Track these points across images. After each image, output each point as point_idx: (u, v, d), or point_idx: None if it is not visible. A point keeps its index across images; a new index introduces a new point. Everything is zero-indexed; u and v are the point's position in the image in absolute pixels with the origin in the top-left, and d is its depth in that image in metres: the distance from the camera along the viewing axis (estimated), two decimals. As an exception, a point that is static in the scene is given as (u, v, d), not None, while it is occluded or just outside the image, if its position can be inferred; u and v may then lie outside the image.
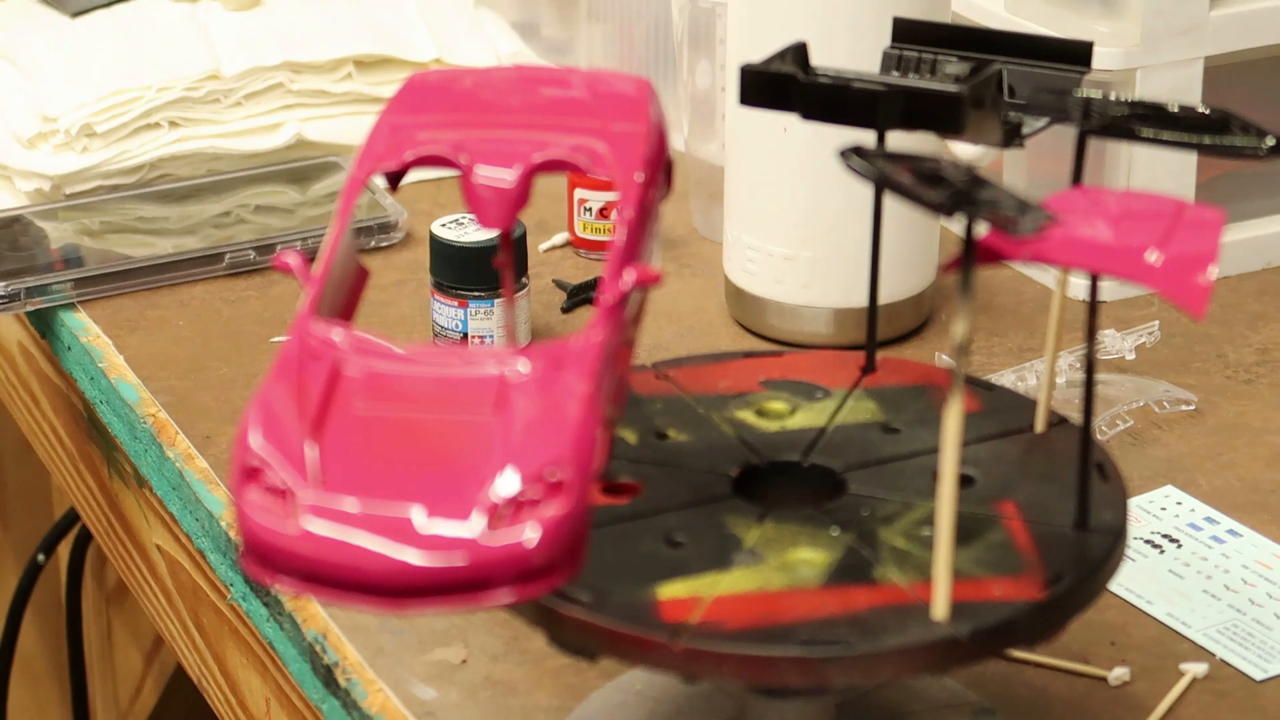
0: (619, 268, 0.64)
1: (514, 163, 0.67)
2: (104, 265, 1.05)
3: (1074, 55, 0.71)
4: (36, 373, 1.13)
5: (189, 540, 0.93)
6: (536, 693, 0.77)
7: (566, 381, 0.60)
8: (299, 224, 1.08)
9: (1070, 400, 0.73)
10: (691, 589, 0.64)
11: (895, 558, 0.66)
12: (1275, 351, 0.99)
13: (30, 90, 1.14)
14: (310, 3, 1.20)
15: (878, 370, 0.75)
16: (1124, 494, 0.69)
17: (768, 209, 0.98)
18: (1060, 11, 1.01)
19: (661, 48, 1.16)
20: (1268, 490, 0.88)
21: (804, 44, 0.70)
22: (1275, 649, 0.79)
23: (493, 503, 0.58)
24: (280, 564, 0.58)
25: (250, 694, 0.92)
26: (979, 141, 0.70)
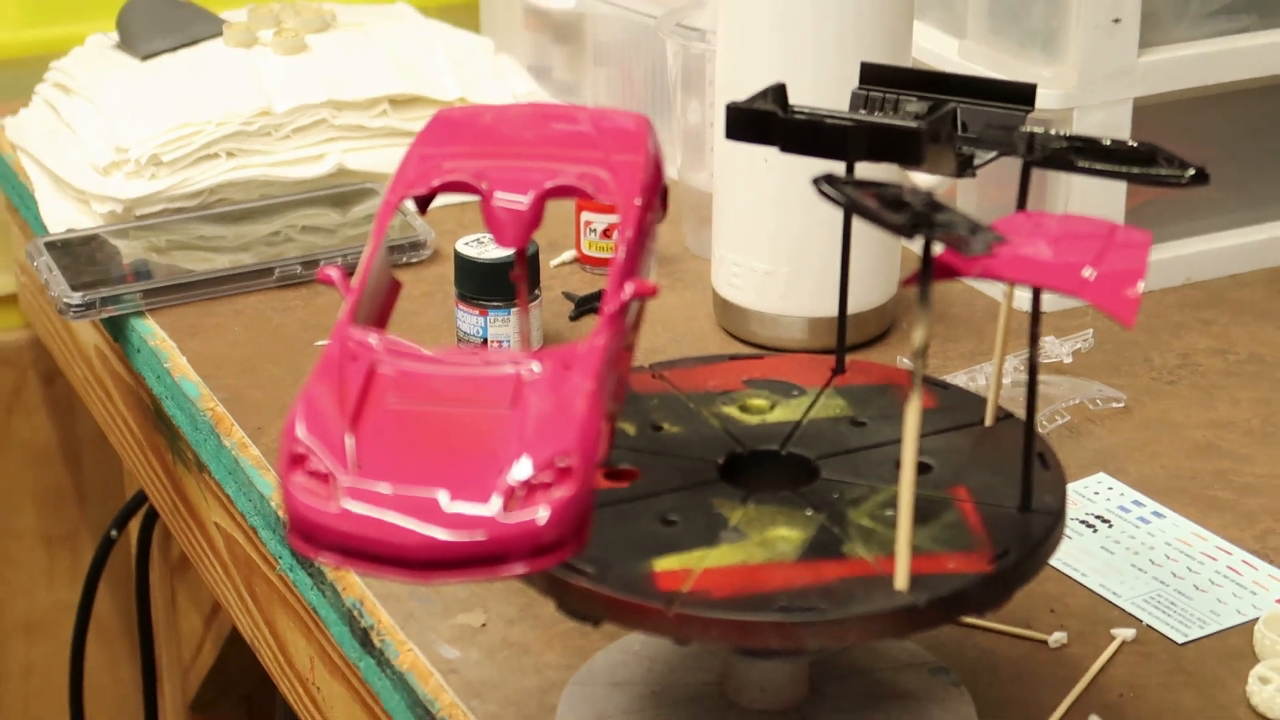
0: (620, 281, 0.64)
1: (528, 189, 0.67)
2: (169, 278, 1.05)
3: (1019, 96, 0.71)
4: (110, 372, 1.13)
5: (243, 518, 0.93)
6: (547, 653, 0.77)
7: (574, 380, 0.60)
8: (340, 242, 1.08)
9: (1015, 398, 0.73)
10: (683, 562, 0.64)
11: (862, 535, 0.66)
12: (1194, 356, 0.99)
13: (105, 125, 1.14)
14: (350, 48, 1.20)
15: (846, 371, 0.75)
16: (1062, 480, 0.69)
17: (750, 230, 0.98)
18: (1007, 58, 1.01)
19: (658, 88, 1.16)
20: (1188, 478, 0.88)
21: (783, 85, 0.70)
22: (1194, 616, 0.79)
23: (509, 486, 0.58)
24: (322, 540, 0.58)
25: (297, 653, 0.92)
26: (936, 171, 0.70)
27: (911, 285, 0.62)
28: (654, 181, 0.68)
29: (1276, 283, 1.06)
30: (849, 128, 0.68)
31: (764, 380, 0.75)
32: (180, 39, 1.21)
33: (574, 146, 0.68)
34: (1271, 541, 0.84)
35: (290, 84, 1.16)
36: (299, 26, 1.21)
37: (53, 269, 1.05)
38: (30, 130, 1.21)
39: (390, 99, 1.17)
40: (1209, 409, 0.94)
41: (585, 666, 0.75)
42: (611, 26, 1.18)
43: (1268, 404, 0.94)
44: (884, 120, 0.69)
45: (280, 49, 1.19)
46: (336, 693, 0.87)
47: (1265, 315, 1.02)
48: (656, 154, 0.69)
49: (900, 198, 0.62)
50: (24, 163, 1.19)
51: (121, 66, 1.20)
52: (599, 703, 0.73)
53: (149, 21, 1.22)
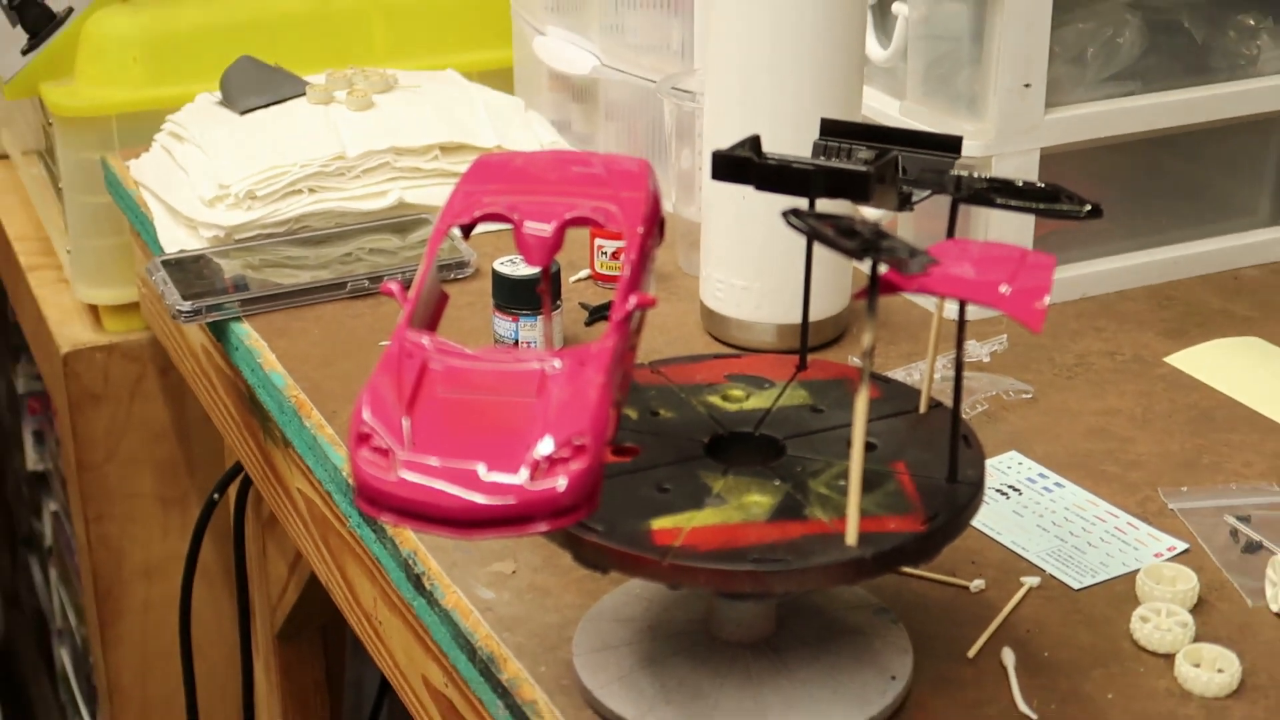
0: (625, 294, 0.64)
1: (551, 219, 0.67)
2: (262, 290, 1.05)
3: (948, 146, 0.71)
4: (213, 366, 1.13)
5: (320, 485, 0.93)
6: (565, 594, 0.77)
7: (587, 374, 0.60)
8: (399, 262, 1.08)
9: (944, 390, 0.73)
10: (675, 522, 0.64)
11: (820, 501, 0.65)
12: (1089, 357, 0.99)
13: (211, 166, 1.14)
14: (408, 105, 1.20)
15: (808, 368, 0.75)
16: (981, 457, 0.69)
17: (731, 253, 0.98)
18: (938, 115, 1.01)
19: (656, 138, 1.16)
20: (1083, 455, 0.88)
21: (758, 136, 0.70)
22: (1088, 567, 0.79)
23: (534, 460, 0.58)
24: (383, 503, 0.58)
25: (363, 594, 0.92)
26: (881, 206, 0.70)
27: (861, 298, 0.62)
28: (653, 213, 0.68)
29: (1154, 297, 1.06)
30: (811, 171, 0.68)
31: (741, 375, 0.75)
32: (271, 97, 1.21)
33: (588, 185, 0.68)
34: (1150, 507, 0.84)
35: (360, 134, 1.16)
36: (367, 88, 1.21)
37: (167, 282, 1.05)
38: (150, 170, 1.21)
39: (440, 146, 1.17)
40: (1100, 399, 0.94)
41: (595, 606, 0.75)
42: (620, 89, 1.18)
43: (1148, 396, 0.94)
44: (839, 165, 0.69)
45: (352, 106, 1.19)
46: (394, 626, 0.87)
47: (1145, 324, 1.02)
48: (655, 191, 0.69)
49: (852, 227, 0.62)
50: (144, 196, 1.20)
51: (224, 120, 1.20)
52: (606, 635, 0.73)
53: (246, 83, 1.23)
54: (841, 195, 0.68)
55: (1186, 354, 0.98)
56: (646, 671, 0.70)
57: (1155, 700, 0.71)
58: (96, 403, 1.40)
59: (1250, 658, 0.73)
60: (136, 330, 1.39)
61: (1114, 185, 1.06)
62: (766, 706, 0.68)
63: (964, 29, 0.98)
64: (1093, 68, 1.03)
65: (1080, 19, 1.01)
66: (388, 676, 0.91)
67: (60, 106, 1.30)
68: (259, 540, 1.27)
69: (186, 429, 1.44)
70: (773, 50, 0.92)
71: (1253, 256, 1.10)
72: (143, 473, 1.44)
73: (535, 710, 0.71)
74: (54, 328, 1.40)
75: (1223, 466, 0.87)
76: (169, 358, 1.32)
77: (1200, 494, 0.85)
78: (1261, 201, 1.11)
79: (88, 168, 1.31)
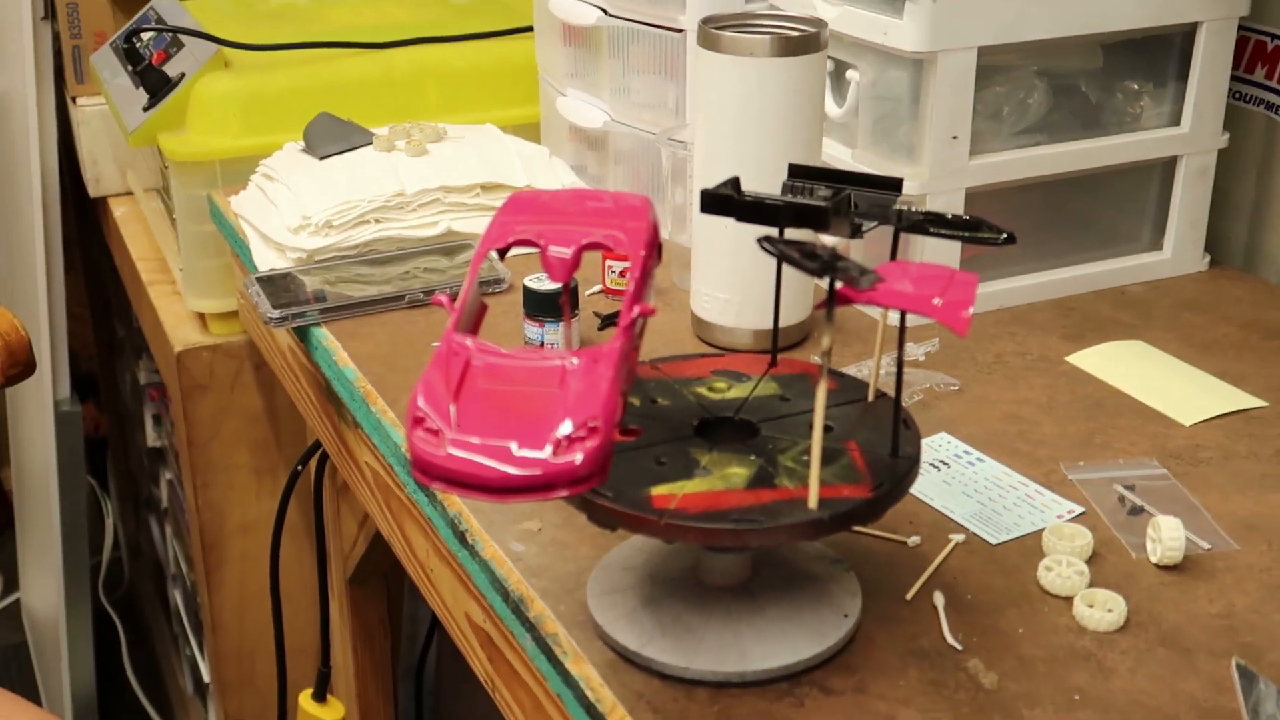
0: (630, 305, 0.64)
1: (571, 244, 0.67)
2: (337, 301, 1.05)
3: (891, 186, 0.71)
4: (298, 362, 1.13)
5: (383, 459, 0.93)
6: (581, 548, 0.77)
7: (600, 370, 0.60)
8: (448, 279, 1.08)
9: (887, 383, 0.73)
10: (670, 490, 0.64)
11: (787, 473, 0.65)
12: (1004, 357, 0.98)
13: (295, 201, 1.14)
14: (456, 152, 1.20)
15: (778, 365, 0.75)
16: (918, 437, 0.68)
17: (716, 271, 0.98)
18: (883, 160, 1.00)
19: (655, 179, 1.16)
20: (999, 436, 0.88)
21: (737, 178, 0.70)
22: (1003, 526, 0.79)
23: (557, 439, 0.58)
24: (434, 473, 0.58)
25: (418, 547, 0.92)
26: (837, 234, 0.70)
27: (820, 308, 0.62)
28: (653, 240, 0.68)
29: (1057, 308, 1.06)
30: (780, 205, 0.68)
31: (724, 370, 0.75)
32: (345, 146, 1.21)
33: (601, 217, 0.68)
34: (1054, 478, 0.84)
35: (416, 175, 1.16)
36: (422, 138, 1.21)
37: (260, 295, 1.05)
38: (246, 204, 1.21)
39: (481, 185, 1.17)
40: (1013, 391, 0.94)
41: (605, 557, 0.75)
42: (626, 139, 1.18)
43: (1051, 388, 0.94)
44: (803, 201, 0.68)
45: (410, 153, 1.19)
46: (443, 573, 0.87)
47: (1049, 330, 1.02)
48: (654, 222, 0.69)
49: (813, 251, 0.62)
50: (242, 225, 1.19)
51: (306, 164, 1.20)
52: (614, 580, 0.73)
53: (324, 134, 1.23)
54: (805, 225, 0.68)
55: (1083, 354, 0.98)
56: (646, 610, 0.70)
57: (1057, 634, 0.71)
58: (203, 392, 1.40)
59: (1134, 600, 0.73)
60: (236, 333, 1.39)
61: (1025, 218, 1.06)
62: (743, 639, 0.68)
63: (904, 92, 0.98)
64: (1007, 123, 1.03)
65: (997, 84, 1.01)
66: (437, 614, 0.91)
67: (174, 153, 1.30)
68: (334, 503, 1.27)
69: (275, 413, 1.44)
70: (749, 109, 0.92)
71: (1136, 276, 1.10)
72: (240, 449, 1.44)
73: (556, 641, 0.71)
74: (169, 331, 1.41)
75: (1112, 445, 0.87)
76: (262, 355, 1.32)
77: (1094, 467, 0.85)
78: (1143, 231, 1.11)
79: (196, 202, 1.31)
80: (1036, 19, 0.98)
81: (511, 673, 0.77)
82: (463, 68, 1.38)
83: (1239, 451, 0.87)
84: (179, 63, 1.35)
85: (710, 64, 0.93)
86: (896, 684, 0.68)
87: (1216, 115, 1.07)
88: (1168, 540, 0.75)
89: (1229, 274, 1.12)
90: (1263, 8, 1.08)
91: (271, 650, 1.35)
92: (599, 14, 1.16)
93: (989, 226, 0.67)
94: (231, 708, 1.57)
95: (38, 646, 2.08)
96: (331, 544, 1.30)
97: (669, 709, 0.66)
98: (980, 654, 0.69)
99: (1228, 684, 0.68)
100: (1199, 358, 0.98)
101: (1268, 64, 1.09)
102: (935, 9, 0.94)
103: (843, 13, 1.00)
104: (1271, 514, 0.80)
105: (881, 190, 0.70)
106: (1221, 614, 0.72)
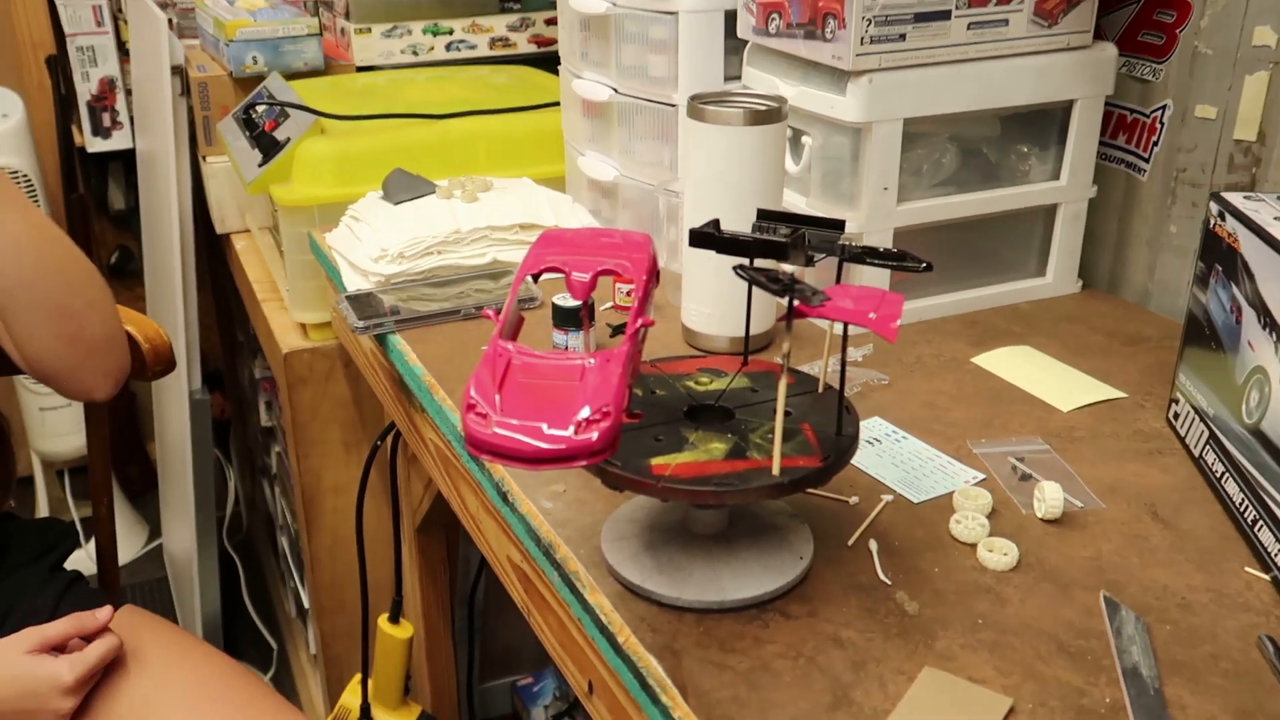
0: (635, 318, 0.64)
1: (589, 271, 0.66)
2: (408, 315, 1.04)
3: (837, 226, 0.71)
4: (378, 361, 1.13)
5: (443, 435, 0.93)
6: (596, 504, 0.77)
7: (611, 368, 0.60)
8: (494, 298, 1.08)
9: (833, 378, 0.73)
10: (665, 460, 0.64)
11: (756, 447, 0.65)
12: (923, 359, 0.98)
13: (375, 237, 1.14)
14: (500, 198, 1.20)
15: (749, 364, 0.75)
16: (857, 420, 0.68)
17: (701, 291, 0.98)
18: (830, 206, 1.00)
19: (654, 220, 1.15)
20: (920, 419, 0.88)
21: (718, 220, 0.70)
22: (923, 488, 0.79)
23: (578, 421, 0.57)
24: (483, 447, 0.58)
25: (470, 504, 0.92)
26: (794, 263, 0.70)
27: (781, 320, 0.62)
28: (653, 267, 0.68)
29: (964, 321, 1.05)
30: (751, 241, 0.68)
31: (707, 368, 0.75)
32: (414, 194, 1.21)
33: (612, 250, 0.68)
34: (962, 452, 0.84)
35: (469, 217, 1.16)
36: (474, 189, 1.21)
37: (348, 309, 1.05)
38: (338, 239, 1.21)
39: (519, 224, 1.17)
40: (930, 385, 0.94)
41: (615, 512, 0.75)
42: (632, 189, 1.18)
43: (959, 383, 0.94)
44: (768, 238, 0.68)
45: (465, 199, 1.19)
46: (489, 524, 0.87)
47: (958, 337, 1.02)
48: (654, 254, 0.69)
49: (776, 276, 0.62)
50: (334, 255, 1.19)
51: (384, 208, 1.20)
52: (621, 529, 0.73)
53: (398, 185, 1.23)
54: (770, 256, 0.68)
55: (984, 356, 0.98)
56: (647, 553, 0.70)
57: (965, 573, 0.71)
58: (304, 384, 1.40)
59: (1024, 547, 0.73)
60: (329, 339, 1.39)
61: (940, 251, 1.05)
62: (721, 575, 0.68)
63: (846, 153, 0.98)
64: (926, 177, 1.02)
65: (918, 147, 1.01)
66: (485, 555, 0.91)
67: (282, 199, 1.30)
68: (405, 470, 1.27)
69: (360, 400, 1.44)
70: (726, 166, 0.92)
71: (1025, 296, 1.10)
72: (332, 427, 1.44)
73: (578, 577, 0.71)
74: (278, 337, 1.40)
75: (1006, 427, 0.87)
76: (349, 356, 1.32)
77: (992, 444, 0.85)
78: (1031, 261, 1.10)
79: (299, 238, 1.31)
80: (948, 97, 0.98)
81: (543, 601, 0.77)
82: (505, 134, 1.38)
83: (1104, 432, 0.87)
84: (285, 129, 1.35)
85: (696, 131, 0.92)
86: (840, 610, 0.67)
87: (1087, 172, 1.07)
88: (1050, 500, 0.75)
89: (1096, 295, 1.11)
90: (1123, 89, 1.08)
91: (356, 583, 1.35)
92: (610, 92, 1.16)
93: (912, 258, 0.67)
94: (325, 627, 1.56)
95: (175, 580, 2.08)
96: (403, 501, 1.30)
97: (664, 629, 0.66)
98: (905, 588, 0.69)
99: (1097, 611, 0.68)
100: (1074, 359, 0.98)
101: (1127, 132, 1.09)
102: (871, 89, 0.94)
103: (799, 92, 1.00)
104: (1129, 480, 0.80)
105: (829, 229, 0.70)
106: (1092, 557, 0.72)
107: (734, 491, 0.62)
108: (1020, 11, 0.98)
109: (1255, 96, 0.97)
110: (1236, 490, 0.75)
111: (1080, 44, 1.02)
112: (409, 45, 1.62)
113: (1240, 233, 0.76)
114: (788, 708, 0.60)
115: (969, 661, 0.63)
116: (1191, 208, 1.05)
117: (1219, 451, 0.78)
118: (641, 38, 1.12)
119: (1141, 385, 0.93)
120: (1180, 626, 0.66)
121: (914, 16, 0.94)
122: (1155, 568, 0.71)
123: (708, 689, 0.62)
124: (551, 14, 1.66)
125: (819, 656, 0.64)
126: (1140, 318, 1.06)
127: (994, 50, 0.98)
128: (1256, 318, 0.73)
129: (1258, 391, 0.73)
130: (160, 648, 0.97)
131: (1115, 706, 0.60)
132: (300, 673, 1.83)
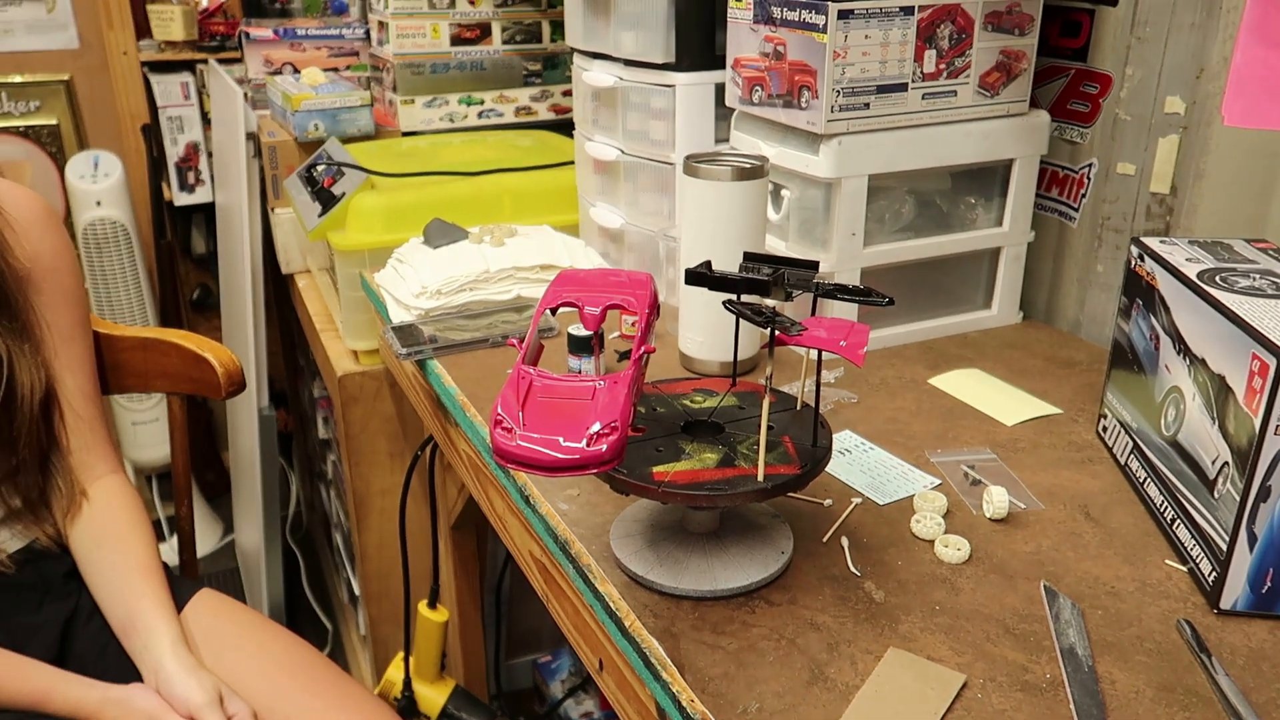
0: (638, 345, 0.63)
1: (599, 305, 0.66)
2: (444, 343, 1.04)
3: (812, 266, 0.70)
4: (419, 383, 1.13)
5: (474, 447, 0.92)
6: (606, 506, 0.77)
7: (618, 389, 0.60)
8: (518, 329, 1.08)
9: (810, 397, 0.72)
10: (665, 469, 0.64)
11: (743, 457, 0.65)
12: (887, 380, 0.98)
13: (417, 276, 1.14)
14: (523, 243, 1.20)
15: (737, 385, 0.75)
16: (830, 433, 0.68)
17: (695, 322, 0.97)
18: (806, 249, 1.00)
19: (654, 262, 1.15)
20: (884, 432, 0.88)
21: (709, 260, 0.70)
22: (887, 492, 0.78)
23: (589, 434, 0.57)
24: (508, 458, 0.58)
25: (497, 505, 0.91)
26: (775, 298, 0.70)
27: (765, 348, 0.61)
28: (655, 302, 0.68)
29: (922, 348, 1.05)
30: (738, 279, 0.67)
31: (700, 389, 0.74)
32: (449, 240, 1.21)
33: (619, 287, 0.68)
34: (921, 460, 0.83)
35: (497, 259, 1.16)
36: (501, 235, 1.21)
37: (394, 338, 1.05)
38: (385, 278, 1.20)
39: (540, 265, 1.17)
40: (894, 403, 0.93)
41: (621, 513, 0.74)
42: (636, 235, 1.18)
43: (919, 401, 0.94)
44: (754, 276, 0.68)
45: (493, 244, 1.19)
46: (514, 523, 0.86)
47: (916, 362, 1.02)
48: (655, 290, 0.68)
49: (760, 309, 0.62)
50: (382, 293, 1.19)
51: (424, 252, 1.20)
52: (628, 528, 0.72)
53: (436, 232, 1.23)
54: (754, 293, 0.68)
55: (939, 378, 0.98)
56: (650, 548, 0.70)
57: (924, 565, 0.70)
58: (356, 402, 1.40)
59: (975, 543, 0.72)
60: (377, 364, 1.39)
61: (901, 288, 1.05)
62: (713, 568, 0.68)
63: (820, 204, 0.98)
64: (888, 224, 1.02)
65: (881, 198, 1.01)
66: (510, 550, 0.90)
67: (339, 245, 1.30)
68: (441, 476, 1.26)
69: (404, 416, 1.44)
70: (717, 216, 0.92)
71: (974, 326, 1.09)
72: (380, 439, 1.43)
73: (590, 570, 0.70)
74: (334, 362, 1.40)
75: (959, 439, 0.87)
76: (394, 378, 1.32)
77: (947, 454, 0.84)
78: (979, 296, 1.10)
79: (353, 277, 1.31)
80: (906, 156, 0.98)
81: (560, 590, 0.76)
82: (528, 188, 1.38)
83: (1043, 443, 0.86)
84: (341, 185, 1.35)
85: (691, 186, 0.92)
86: (817, 598, 0.67)
87: (1026, 220, 1.07)
88: (997, 502, 0.75)
89: (1035, 325, 1.11)
90: (1055, 149, 1.08)
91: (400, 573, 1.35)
92: (618, 152, 1.16)
93: (876, 293, 0.67)
94: (374, 611, 1.56)
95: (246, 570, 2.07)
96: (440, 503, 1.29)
97: (665, 614, 0.65)
98: (872, 578, 0.69)
99: (1038, 598, 0.67)
100: (1016, 380, 0.97)
101: (1059, 186, 1.09)
102: (840, 150, 0.94)
103: (779, 152, 1.00)
104: (1065, 484, 0.80)
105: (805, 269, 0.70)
106: (1033, 552, 0.72)
107: (724, 495, 0.62)
108: (967, 84, 0.99)
109: (1168, 156, 0.97)
110: (1157, 493, 0.74)
111: (1019, 111, 1.02)
112: (447, 114, 1.64)
113: (1157, 272, 0.76)
114: (771, 683, 0.60)
115: (928, 643, 0.63)
116: (1115, 250, 1.05)
117: (1142, 460, 0.77)
118: (644, 107, 1.12)
119: (1074, 403, 0.93)
120: (1110, 612, 0.66)
121: (876, 88, 0.95)
122: (1088, 561, 0.70)
123: (702, 666, 0.61)
124: (567, 87, 1.67)
125: (798, 638, 0.63)
126: (1073, 345, 1.06)
127: (945, 116, 0.99)
128: (1172, 345, 0.73)
129: (1174, 408, 0.72)
130: (235, 625, 0.97)
131: (1055, 681, 0.60)
132: (351, 650, 1.82)
